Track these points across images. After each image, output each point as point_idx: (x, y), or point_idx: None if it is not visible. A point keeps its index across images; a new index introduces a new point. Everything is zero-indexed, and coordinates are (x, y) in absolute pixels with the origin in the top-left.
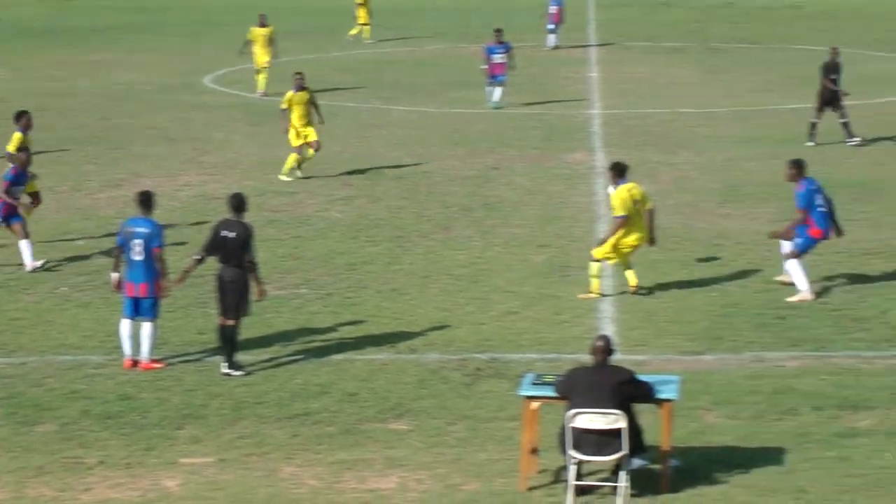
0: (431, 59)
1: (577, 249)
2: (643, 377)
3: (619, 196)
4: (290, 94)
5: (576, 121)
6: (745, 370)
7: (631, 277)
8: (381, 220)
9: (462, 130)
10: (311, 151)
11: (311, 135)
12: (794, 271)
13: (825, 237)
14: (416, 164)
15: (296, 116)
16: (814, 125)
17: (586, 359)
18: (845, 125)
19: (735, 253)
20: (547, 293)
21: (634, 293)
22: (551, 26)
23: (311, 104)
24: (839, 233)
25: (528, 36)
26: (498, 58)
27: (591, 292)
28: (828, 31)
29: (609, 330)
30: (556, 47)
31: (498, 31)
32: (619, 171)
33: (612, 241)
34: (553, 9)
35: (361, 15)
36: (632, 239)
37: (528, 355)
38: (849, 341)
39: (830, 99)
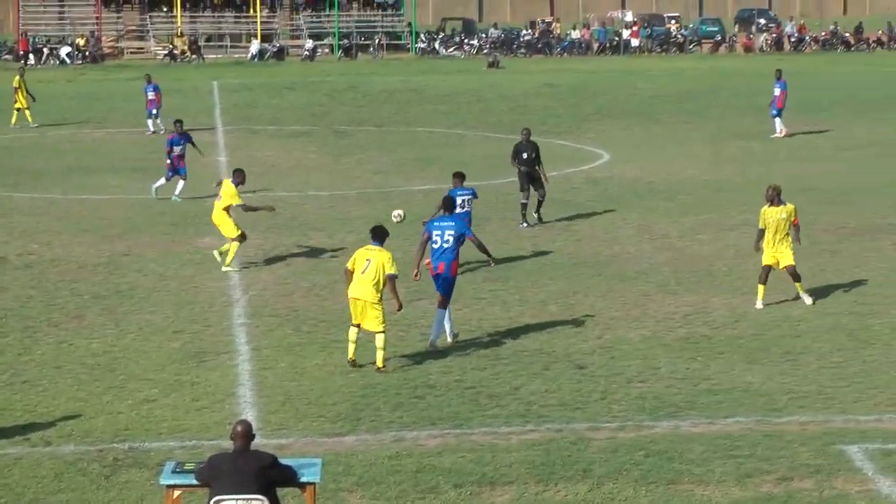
0: (55, 144)
1: (213, 334)
2: (285, 461)
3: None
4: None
5: (205, 205)
6: (386, 450)
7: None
8: (9, 310)
9: (90, 217)
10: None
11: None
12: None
13: (433, 271)
14: (43, 253)
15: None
16: (524, 206)
17: (227, 445)
18: (540, 204)
19: (371, 333)
20: (185, 379)
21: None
22: (153, 111)
23: None
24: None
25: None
26: (179, 149)
27: None
28: (448, 113)
29: (249, 415)
30: (156, 132)
31: (178, 122)
32: (373, 234)
33: None
34: (151, 95)
35: (20, 99)
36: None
37: (168, 443)
38: (485, 418)
39: (532, 179)
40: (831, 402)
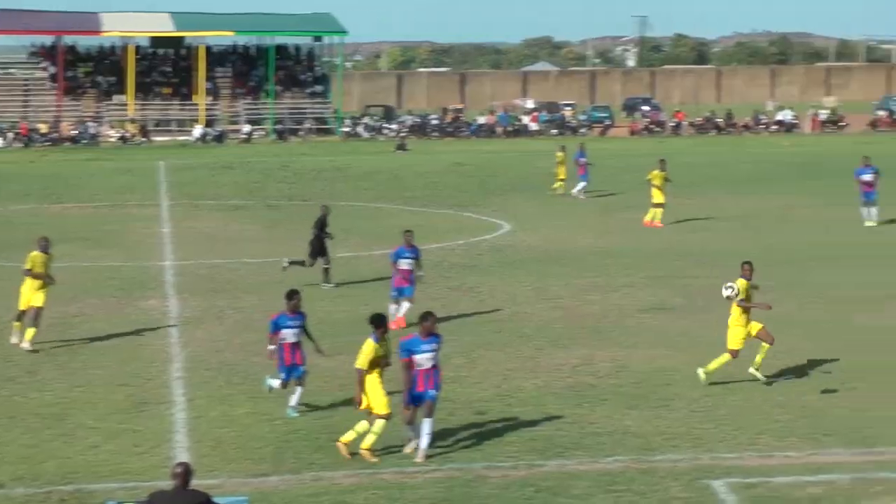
0: (18, 218)
1: (154, 387)
2: (218, 499)
3: (365, 349)
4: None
5: (150, 272)
6: (305, 488)
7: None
8: None
9: None
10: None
11: None
12: None
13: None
14: (2, 314)
15: None
16: (326, 270)
17: (164, 485)
18: (326, 271)
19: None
20: (127, 427)
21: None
22: None
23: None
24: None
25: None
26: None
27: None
28: (368, 189)
29: (183, 458)
30: None
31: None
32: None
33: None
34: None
35: None
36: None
37: (110, 485)
38: (394, 459)
39: (320, 248)
40: (699, 441)
